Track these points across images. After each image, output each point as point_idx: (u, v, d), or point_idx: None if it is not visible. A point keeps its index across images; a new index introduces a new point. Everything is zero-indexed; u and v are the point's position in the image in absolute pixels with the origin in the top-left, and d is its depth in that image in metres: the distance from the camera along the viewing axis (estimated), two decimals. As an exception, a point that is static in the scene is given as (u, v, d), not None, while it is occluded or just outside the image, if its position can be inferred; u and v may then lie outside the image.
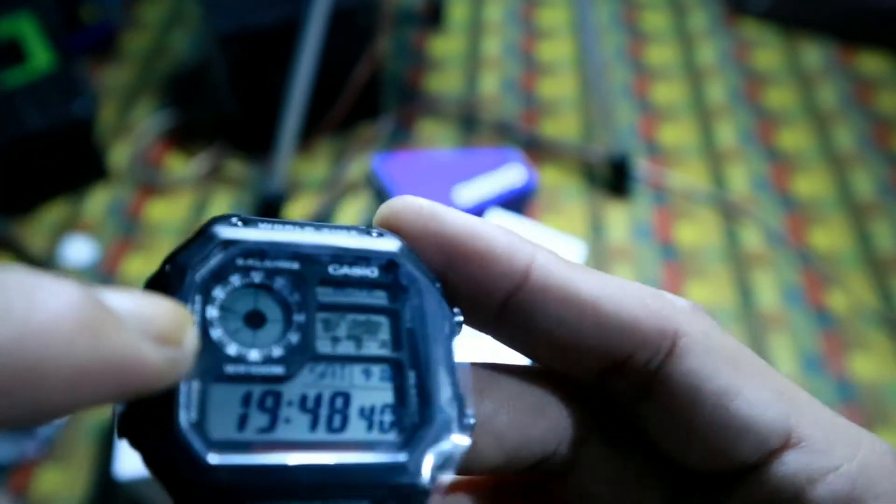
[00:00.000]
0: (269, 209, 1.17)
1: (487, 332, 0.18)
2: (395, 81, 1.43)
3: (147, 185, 1.27)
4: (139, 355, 0.13)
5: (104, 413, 1.01)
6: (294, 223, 0.17)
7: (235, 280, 0.16)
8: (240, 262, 0.16)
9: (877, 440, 0.16)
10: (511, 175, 1.09)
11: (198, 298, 0.16)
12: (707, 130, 1.38)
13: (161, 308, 0.14)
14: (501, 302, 0.17)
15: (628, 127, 1.37)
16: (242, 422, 0.15)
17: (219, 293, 0.16)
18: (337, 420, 0.16)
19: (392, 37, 1.50)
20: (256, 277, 0.17)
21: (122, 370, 0.12)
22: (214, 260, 0.16)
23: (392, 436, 0.17)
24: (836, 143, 1.36)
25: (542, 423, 0.18)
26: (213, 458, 0.15)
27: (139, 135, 1.34)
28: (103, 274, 1.15)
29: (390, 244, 0.18)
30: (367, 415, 0.17)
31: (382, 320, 0.17)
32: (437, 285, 0.17)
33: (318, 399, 0.16)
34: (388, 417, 0.17)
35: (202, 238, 0.17)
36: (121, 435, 0.15)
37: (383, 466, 0.16)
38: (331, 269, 0.17)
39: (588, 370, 0.17)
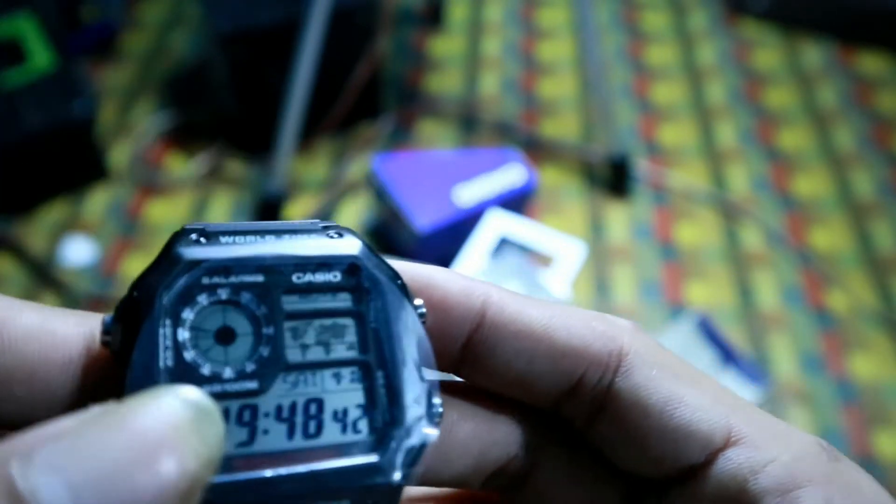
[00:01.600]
0: (269, 209, 1.17)
1: (452, 373, 0.19)
2: (395, 81, 1.43)
3: (147, 185, 1.27)
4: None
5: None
6: (255, 231, 0.18)
7: (203, 299, 0.17)
8: (206, 280, 0.17)
9: (804, 434, 0.18)
10: (511, 175, 1.09)
11: (168, 322, 0.16)
12: (707, 130, 1.38)
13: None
14: (463, 343, 0.18)
15: (628, 127, 1.37)
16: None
17: (188, 314, 0.16)
18: (312, 426, 0.17)
19: (392, 37, 1.50)
20: (223, 294, 0.17)
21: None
22: (181, 282, 0.17)
23: (365, 436, 0.17)
24: (836, 143, 1.36)
25: (501, 427, 0.19)
26: None
27: (139, 135, 1.34)
28: (103, 274, 1.15)
29: (350, 246, 0.18)
30: (341, 418, 0.17)
31: (348, 323, 0.18)
32: (399, 282, 0.18)
33: (293, 407, 0.17)
34: (360, 419, 0.17)
35: (167, 260, 0.17)
36: None
37: (358, 468, 0.17)
38: (294, 278, 0.17)
39: (546, 396, 0.19)
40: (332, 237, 0.18)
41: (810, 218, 1.24)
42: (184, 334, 0.16)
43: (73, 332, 0.16)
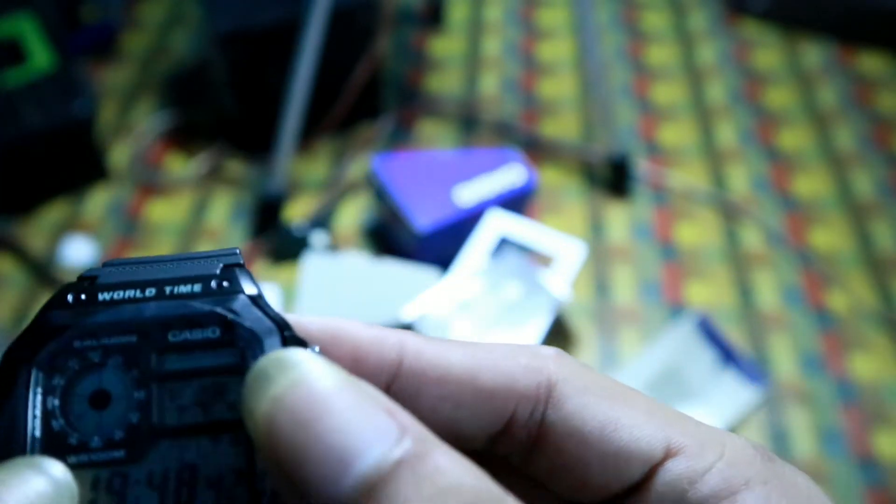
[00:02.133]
0: (269, 209, 1.17)
1: None
2: (395, 81, 1.43)
3: (147, 185, 1.27)
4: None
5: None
6: (137, 283, 0.17)
7: (74, 364, 0.16)
8: (77, 344, 0.17)
9: (736, 436, 0.18)
10: (511, 175, 1.09)
11: (39, 390, 0.16)
12: (707, 130, 1.38)
13: None
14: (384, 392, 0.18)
15: (628, 127, 1.37)
16: None
17: (59, 381, 0.16)
18: (184, 493, 0.16)
19: (392, 37, 1.50)
20: (95, 357, 0.17)
21: None
22: (49, 348, 0.16)
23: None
24: (836, 143, 1.36)
25: None
26: None
27: (139, 135, 1.34)
28: (103, 274, 1.15)
29: (232, 300, 0.17)
30: (214, 484, 0.16)
31: (230, 380, 0.17)
32: (287, 333, 0.17)
33: (165, 474, 0.16)
34: (236, 485, 0.16)
35: (36, 328, 0.17)
36: None
37: None
38: (170, 337, 0.17)
39: (477, 437, 0.18)
40: (220, 288, 0.17)
41: (810, 218, 1.24)
42: (54, 402, 0.16)
43: None
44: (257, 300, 0.17)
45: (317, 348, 0.17)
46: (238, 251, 0.19)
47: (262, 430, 0.14)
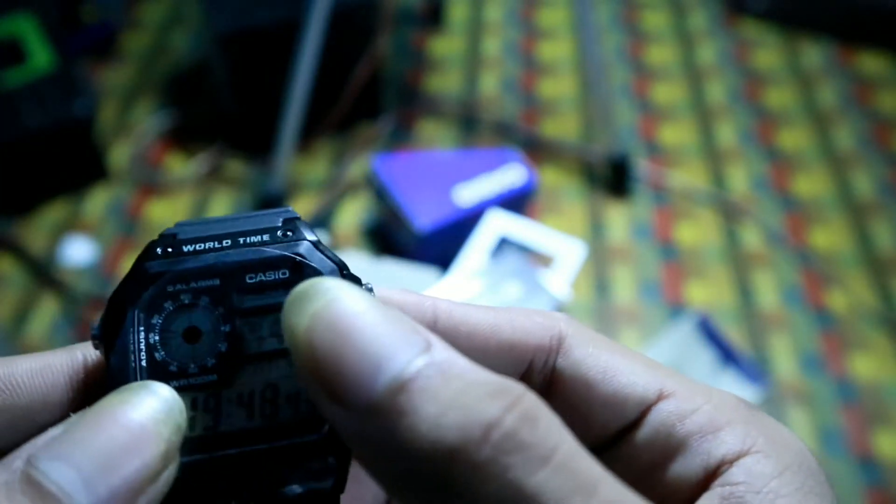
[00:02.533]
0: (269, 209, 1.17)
1: None
2: (395, 81, 1.43)
3: (147, 185, 1.27)
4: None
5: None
6: (218, 236, 0.20)
7: (168, 305, 0.20)
8: (170, 289, 0.20)
9: (724, 391, 0.20)
10: (511, 175, 1.09)
11: (141, 329, 0.19)
12: (707, 130, 1.38)
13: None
14: None
15: (628, 127, 1.37)
16: (192, 423, 0.19)
17: (157, 320, 0.19)
18: (268, 408, 0.19)
19: (392, 37, 1.50)
20: (185, 299, 0.20)
21: None
22: (147, 293, 0.20)
23: (313, 415, 0.19)
24: (836, 143, 1.36)
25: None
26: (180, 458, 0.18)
27: (139, 135, 1.34)
28: (103, 274, 1.15)
29: (298, 245, 0.20)
30: (293, 399, 0.19)
31: None
32: (345, 272, 0.20)
33: (251, 394, 0.19)
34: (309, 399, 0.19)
35: (135, 276, 0.20)
36: None
37: (303, 445, 0.19)
38: (248, 279, 0.20)
39: None
40: (286, 236, 0.20)
41: (810, 218, 1.24)
42: (154, 337, 0.19)
43: (64, 359, 0.19)
44: (318, 245, 0.21)
45: (370, 285, 0.20)
46: (291, 208, 0.22)
47: (301, 341, 0.16)
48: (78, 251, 1.17)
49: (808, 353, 1.08)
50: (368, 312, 0.16)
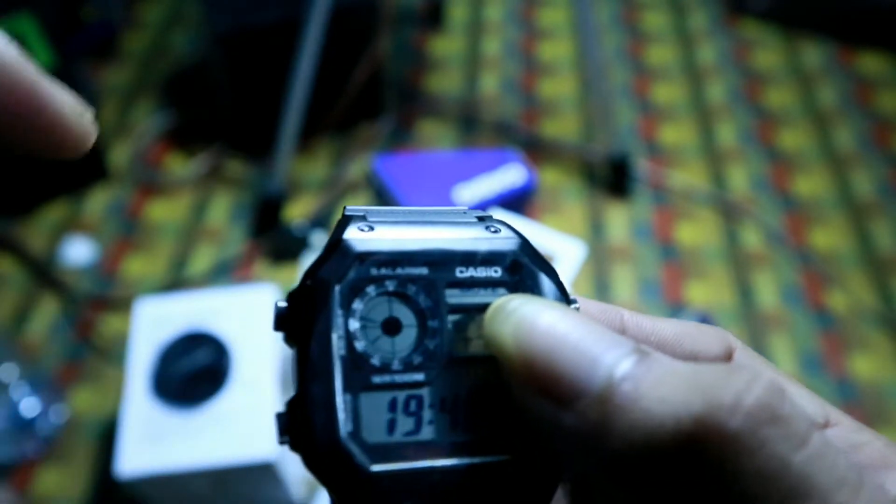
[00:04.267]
0: (269, 209, 1.17)
1: None
2: (395, 81, 1.43)
3: (147, 185, 1.27)
4: (54, 97, 0.16)
5: (104, 413, 1.01)
6: (416, 221, 0.18)
7: (371, 290, 0.17)
8: (374, 272, 0.17)
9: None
10: (511, 175, 1.09)
11: (340, 312, 0.17)
12: (707, 130, 1.38)
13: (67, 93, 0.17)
14: None
15: (628, 127, 1.37)
16: (391, 426, 0.17)
17: (358, 305, 0.17)
18: (473, 419, 0.17)
19: (392, 37, 1.50)
20: (390, 286, 0.18)
21: None
22: (352, 273, 0.17)
23: (520, 430, 0.17)
24: (836, 143, 1.36)
25: None
26: (375, 467, 0.16)
27: (139, 135, 1.34)
28: (103, 274, 1.15)
29: (509, 241, 0.19)
30: (500, 411, 0.17)
31: None
32: (556, 278, 0.19)
33: (456, 400, 0.17)
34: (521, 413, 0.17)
35: (338, 251, 0.18)
36: (283, 437, 0.16)
37: (514, 464, 0.17)
38: (458, 272, 0.18)
39: None
40: (492, 230, 0.19)
41: (810, 218, 1.24)
42: (354, 324, 0.17)
43: None
44: (529, 244, 0.19)
45: (576, 297, 0.19)
46: (468, 209, 0.20)
47: (510, 345, 0.16)
48: (78, 251, 1.17)
49: (808, 353, 1.08)
50: (572, 319, 0.16)
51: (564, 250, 1.00)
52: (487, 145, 1.33)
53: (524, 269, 0.18)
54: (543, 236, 1.01)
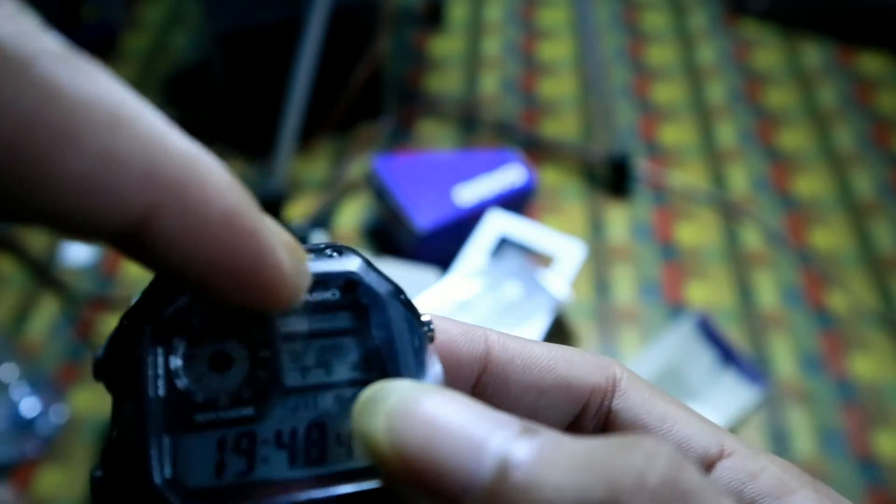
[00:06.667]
0: (270, 209, 1.17)
1: None
2: (395, 81, 1.43)
3: (147, 185, 1.27)
4: (275, 250, 0.14)
5: (104, 413, 1.01)
6: None
7: (196, 325, 0.16)
8: (197, 305, 0.16)
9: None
10: (511, 175, 1.09)
11: (160, 350, 0.16)
12: (707, 130, 1.38)
13: (286, 233, 0.16)
14: (475, 381, 0.19)
15: (628, 127, 1.37)
16: (220, 468, 0.15)
17: (179, 341, 0.16)
18: (315, 451, 0.16)
19: (392, 37, 1.50)
20: (216, 318, 0.16)
21: (260, 254, 0.14)
22: (171, 308, 0.16)
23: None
24: (836, 143, 1.36)
25: None
26: None
27: (139, 135, 1.33)
28: (103, 274, 1.15)
29: (349, 263, 0.17)
30: (346, 441, 0.16)
31: (349, 342, 0.17)
32: (402, 297, 0.17)
33: (294, 433, 0.16)
34: None
35: (157, 287, 0.16)
36: (96, 499, 0.15)
37: (366, 495, 0.16)
38: None
39: (555, 426, 0.19)
40: (330, 256, 0.17)
41: (810, 218, 1.24)
42: (176, 362, 0.16)
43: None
44: (372, 265, 0.18)
45: (428, 315, 0.18)
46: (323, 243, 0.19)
47: (383, 442, 0.14)
48: (78, 251, 1.17)
49: (807, 353, 1.08)
50: (450, 403, 0.15)
51: (564, 250, 1.00)
52: (487, 145, 1.33)
53: (360, 288, 0.17)
54: (543, 236, 1.01)
